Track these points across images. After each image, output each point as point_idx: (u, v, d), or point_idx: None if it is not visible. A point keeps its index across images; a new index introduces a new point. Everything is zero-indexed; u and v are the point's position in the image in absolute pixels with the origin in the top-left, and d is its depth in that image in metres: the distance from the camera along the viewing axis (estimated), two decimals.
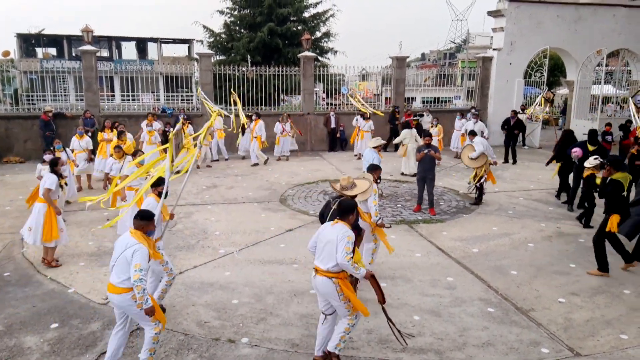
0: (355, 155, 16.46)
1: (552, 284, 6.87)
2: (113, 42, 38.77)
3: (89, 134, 13.71)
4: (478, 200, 10.83)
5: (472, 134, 11.51)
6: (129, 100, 21.53)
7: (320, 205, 10.74)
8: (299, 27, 27.55)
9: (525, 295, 6.52)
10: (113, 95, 27.41)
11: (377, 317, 5.86)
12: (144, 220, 4.72)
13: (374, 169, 7.09)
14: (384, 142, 10.12)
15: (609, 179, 7.26)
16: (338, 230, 4.67)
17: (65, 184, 8.48)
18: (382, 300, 4.78)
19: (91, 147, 12.19)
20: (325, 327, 4.92)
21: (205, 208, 10.46)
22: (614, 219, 7.03)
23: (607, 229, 7.07)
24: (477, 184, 10.70)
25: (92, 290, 6.51)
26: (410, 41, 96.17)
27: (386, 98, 21.17)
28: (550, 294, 6.55)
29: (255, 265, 7.47)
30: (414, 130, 13.80)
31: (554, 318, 5.92)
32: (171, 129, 15.32)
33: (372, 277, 4.70)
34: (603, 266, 7.17)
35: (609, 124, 14.42)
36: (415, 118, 15.05)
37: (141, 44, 40.30)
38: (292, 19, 28.10)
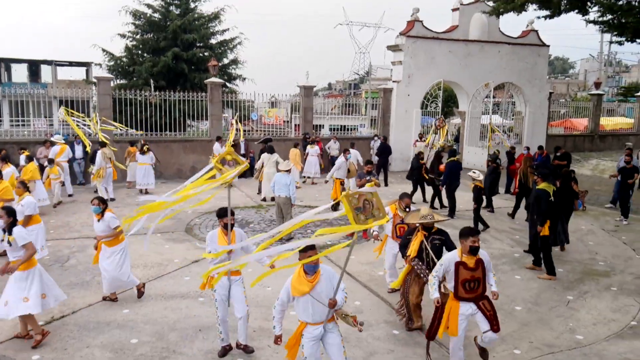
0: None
1: None
2: (2, 63, 35.86)
3: None
4: None
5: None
6: (18, 125, 19.92)
7: None
8: (206, 53, 27.32)
9: (427, 316, 6.74)
10: (1, 120, 25.21)
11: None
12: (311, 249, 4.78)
13: (404, 196, 7.39)
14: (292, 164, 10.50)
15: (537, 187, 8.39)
16: (485, 256, 5.41)
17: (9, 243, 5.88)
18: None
19: None
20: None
21: None
22: (546, 225, 8.06)
23: (541, 234, 8.08)
24: None
25: None
26: (317, 71, 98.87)
27: (296, 125, 21.48)
28: None
29: (156, 300, 7.10)
30: (275, 155, 14.01)
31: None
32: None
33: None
34: (551, 270, 8.25)
35: (497, 151, 15.64)
36: (267, 139, 15.74)
37: (34, 67, 37.59)
38: (198, 44, 27.84)
